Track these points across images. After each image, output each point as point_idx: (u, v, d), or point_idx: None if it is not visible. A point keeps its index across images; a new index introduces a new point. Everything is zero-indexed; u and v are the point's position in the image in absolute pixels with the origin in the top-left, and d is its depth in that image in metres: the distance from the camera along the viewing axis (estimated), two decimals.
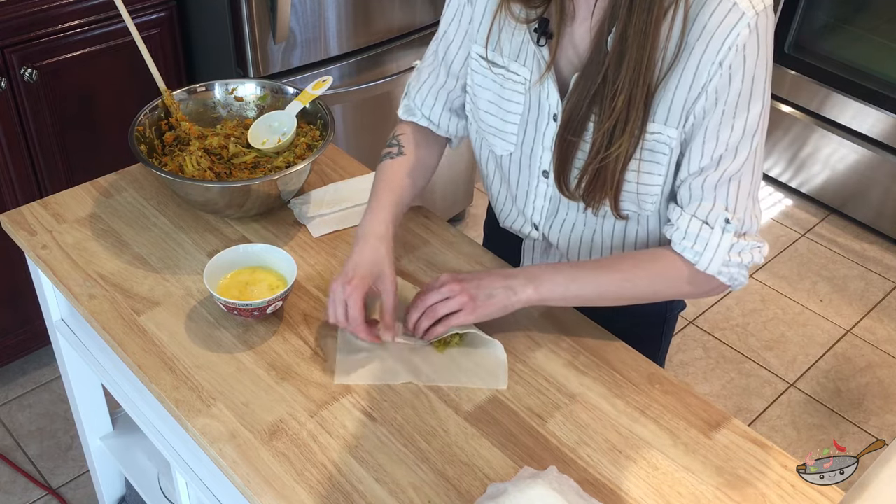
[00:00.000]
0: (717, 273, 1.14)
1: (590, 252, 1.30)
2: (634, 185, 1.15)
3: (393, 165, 1.30)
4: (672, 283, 1.17)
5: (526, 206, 1.31)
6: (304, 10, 2.07)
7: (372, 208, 1.24)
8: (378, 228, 1.20)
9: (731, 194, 1.11)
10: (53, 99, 1.98)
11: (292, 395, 1.14)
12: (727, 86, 1.05)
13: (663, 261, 1.17)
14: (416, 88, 1.33)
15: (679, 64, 1.06)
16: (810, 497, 1.06)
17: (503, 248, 1.42)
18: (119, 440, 1.71)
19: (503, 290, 1.16)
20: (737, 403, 2.45)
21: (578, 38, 1.12)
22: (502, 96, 1.21)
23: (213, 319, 1.24)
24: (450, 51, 1.27)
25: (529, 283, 1.16)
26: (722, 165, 1.10)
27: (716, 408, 1.17)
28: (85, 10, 1.95)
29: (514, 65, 1.18)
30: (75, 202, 1.44)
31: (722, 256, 1.13)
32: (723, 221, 1.12)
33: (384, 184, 1.27)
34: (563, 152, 1.16)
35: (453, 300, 1.16)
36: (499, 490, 1.00)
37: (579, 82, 1.10)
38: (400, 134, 1.34)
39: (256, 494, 1.02)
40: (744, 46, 1.03)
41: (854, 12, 3.08)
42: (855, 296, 2.83)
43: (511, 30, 1.16)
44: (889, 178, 2.97)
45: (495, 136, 1.26)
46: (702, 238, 1.13)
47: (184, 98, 1.50)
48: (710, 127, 1.08)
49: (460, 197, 2.87)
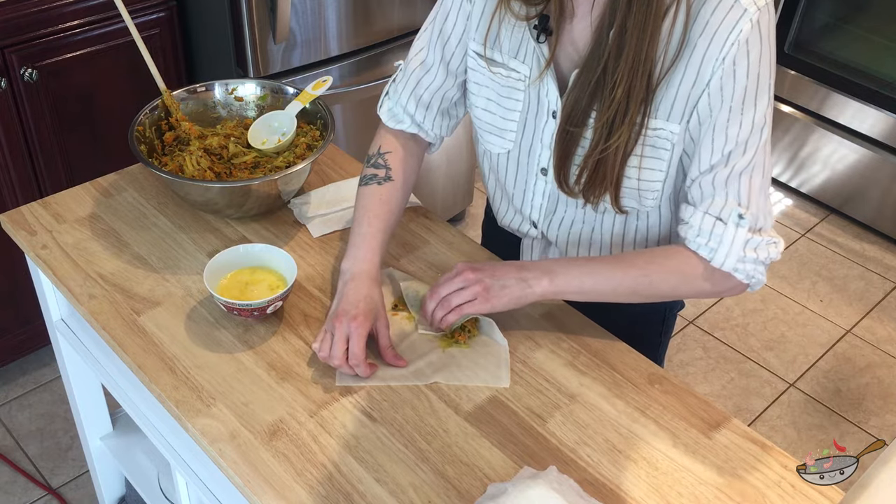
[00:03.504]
0: (734, 270, 1.13)
1: (588, 249, 1.30)
2: (636, 180, 1.15)
3: (380, 193, 1.27)
4: (688, 280, 1.16)
5: (524, 205, 1.31)
6: (304, 10, 2.07)
7: (359, 244, 1.22)
8: (371, 270, 1.20)
9: (743, 189, 1.11)
10: (53, 99, 1.98)
11: (292, 395, 1.14)
12: (732, 82, 1.06)
13: (678, 257, 1.16)
14: (407, 92, 1.29)
15: (682, 60, 1.06)
16: (810, 497, 1.06)
17: (502, 247, 1.42)
18: (119, 440, 1.71)
19: (517, 281, 1.16)
20: (737, 403, 2.45)
21: (578, 35, 1.12)
22: (501, 94, 1.21)
23: (213, 319, 1.24)
24: (447, 48, 1.25)
25: (544, 276, 1.16)
26: (732, 161, 1.10)
27: (716, 408, 1.17)
28: (85, 10, 1.95)
29: (513, 62, 1.18)
30: (75, 202, 1.44)
31: (737, 252, 1.12)
32: (736, 217, 1.11)
33: (371, 214, 1.25)
34: (563, 149, 1.16)
35: (467, 290, 1.16)
36: (499, 490, 1.00)
37: (579, 78, 1.10)
38: (387, 152, 1.30)
39: (256, 494, 1.02)
40: (746, 42, 1.03)
41: (854, 12, 3.08)
42: (855, 296, 2.83)
43: (510, 27, 1.16)
44: (889, 178, 2.97)
45: (493, 135, 1.26)
46: (715, 234, 1.12)
47: (184, 98, 1.50)
48: (718, 124, 1.08)
49: (460, 197, 2.87)
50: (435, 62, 1.27)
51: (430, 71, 1.28)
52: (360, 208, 1.27)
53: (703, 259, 1.14)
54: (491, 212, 1.45)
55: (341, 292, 1.18)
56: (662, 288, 1.17)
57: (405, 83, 1.30)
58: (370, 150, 1.32)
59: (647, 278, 1.16)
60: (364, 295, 1.17)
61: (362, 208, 1.26)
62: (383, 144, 1.31)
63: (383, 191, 1.27)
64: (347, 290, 1.18)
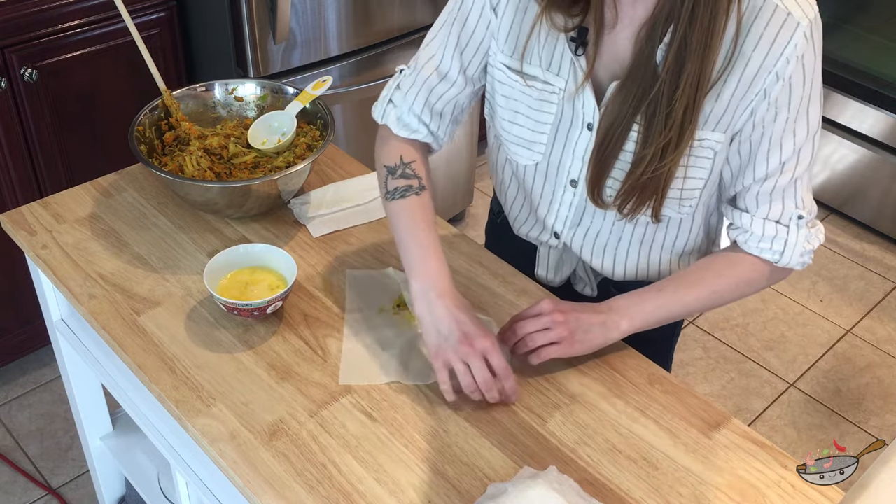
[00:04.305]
0: (797, 265, 1.17)
1: (614, 258, 1.28)
2: (678, 190, 1.14)
3: (422, 203, 1.21)
4: (753, 284, 1.20)
5: (548, 216, 1.28)
6: (304, 10, 2.07)
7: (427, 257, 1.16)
8: (451, 283, 1.15)
9: (800, 192, 1.14)
10: (53, 99, 1.98)
11: (292, 395, 1.14)
12: (788, 96, 1.06)
13: (743, 265, 1.18)
14: (421, 101, 1.24)
15: (733, 73, 1.05)
16: (810, 497, 1.06)
17: (513, 254, 1.38)
18: (119, 440, 1.71)
19: (600, 327, 1.16)
20: (737, 403, 2.45)
21: (620, 46, 1.09)
22: (532, 107, 1.17)
23: (213, 319, 1.24)
24: (465, 56, 1.21)
25: (623, 319, 1.17)
26: (787, 169, 1.11)
27: (716, 408, 1.17)
28: (85, 10, 1.95)
29: (548, 75, 1.14)
30: (75, 202, 1.44)
31: (800, 250, 1.16)
32: (797, 219, 1.14)
33: (424, 225, 1.18)
34: (600, 161, 1.13)
35: (552, 332, 1.14)
36: (499, 490, 1.00)
37: (620, 91, 1.08)
38: (411, 161, 1.24)
39: (256, 494, 1.02)
40: (802, 56, 1.04)
41: (854, 12, 3.08)
42: (855, 296, 2.83)
43: (543, 39, 1.13)
44: (889, 178, 2.97)
45: (521, 147, 1.22)
46: (779, 238, 1.15)
47: (184, 98, 1.50)
48: (774, 137, 1.09)
49: (460, 197, 2.87)
50: (453, 70, 1.22)
51: (447, 78, 1.22)
52: (406, 220, 1.19)
53: (767, 262, 1.17)
54: (498, 217, 1.43)
55: (435, 315, 1.12)
56: (729, 297, 1.20)
57: (416, 92, 1.24)
58: (386, 160, 1.25)
59: (717, 294, 1.19)
60: (466, 310, 1.13)
61: (410, 220, 1.19)
62: (404, 154, 1.24)
63: (424, 200, 1.22)
64: (443, 312, 1.12)
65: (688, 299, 1.19)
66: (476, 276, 1.34)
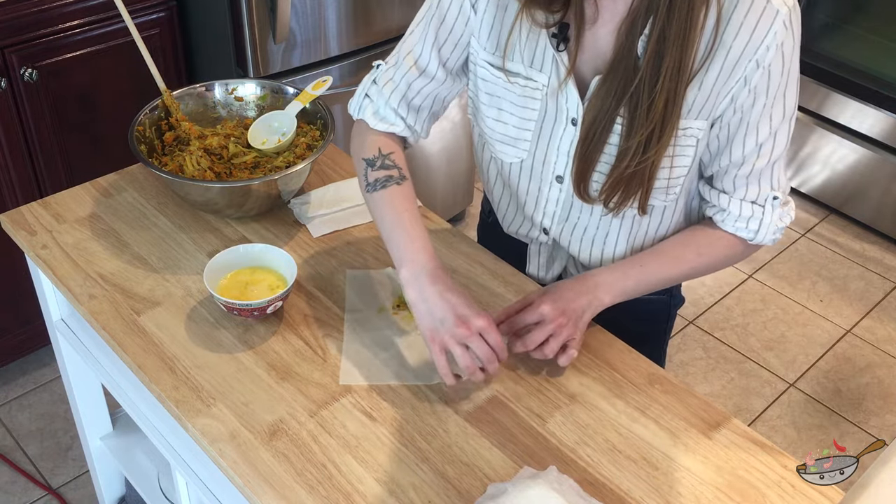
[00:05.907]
0: (769, 242, 1.22)
1: (602, 250, 1.29)
2: (665, 180, 1.16)
3: (404, 192, 1.21)
4: (730, 259, 1.25)
5: (535, 212, 1.29)
6: (304, 10, 2.07)
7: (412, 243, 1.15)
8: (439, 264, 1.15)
9: (775, 174, 1.18)
10: (53, 99, 1.98)
11: (292, 395, 1.14)
12: (767, 82, 1.08)
13: (721, 242, 1.22)
14: (397, 96, 1.24)
15: (714, 62, 1.06)
16: (810, 497, 1.06)
17: (505, 253, 1.39)
18: (119, 440, 1.71)
19: (587, 307, 1.18)
20: (737, 403, 2.45)
21: (601, 41, 1.10)
22: (516, 104, 1.18)
23: (213, 319, 1.24)
24: (444, 51, 1.21)
25: (606, 295, 1.20)
26: (764, 152, 1.15)
27: (716, 408, 1.17)
28: (85, 10, 1.95)
29: (530, 71, 1.15)
30: (75, 202, 1.44)
31: (774, 227, 1.20)
32: (772, 199, 1.19)
33: (408, 214, 1.18)
34: (585, 156, 1.14)
35: (562, 335, 1.16)
36: (499, 490, 1.00)
37: (603, 85, 1.09)
38: (390, 153, 1.23)
39: (256, 494, 1.02)
40: (782, 44, 1.05)
41: (854, 12, 3.08)
42: (855, 296, 2.83)
43: (525, 36, 1.14)
44: (889, 178, 2.97)
45: (506, 144, 1.23)
46: (755, 218, 1.19)
47: (184, 98, 1.50)
48: (752, 121, 1.12)
49: (460, 197, 2.87)
50: (432, 65, 1.22)
51: (426, 73, 1.22)
52: (388, 210, 1.19)
53: (742, 239, 1.22)
54: (488, 217, 1.44)
55: (427, 300, 1.11)
56: (705, 272, 1.26)
57: (394, 87, 1.24)
58: (365, 153, 1.24)
59: (695, 270, 1.24)
60: (459, 293, 1.12)
61: (392, 209, 1.18)
62: (382, 146, 1.25)
63: (405, 190, 1.21)
64: (436, 296, 1.11)
65: (669, 275, 1.24)
66: (476, 275, 1.34)
